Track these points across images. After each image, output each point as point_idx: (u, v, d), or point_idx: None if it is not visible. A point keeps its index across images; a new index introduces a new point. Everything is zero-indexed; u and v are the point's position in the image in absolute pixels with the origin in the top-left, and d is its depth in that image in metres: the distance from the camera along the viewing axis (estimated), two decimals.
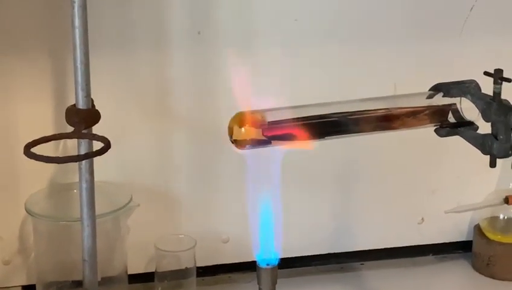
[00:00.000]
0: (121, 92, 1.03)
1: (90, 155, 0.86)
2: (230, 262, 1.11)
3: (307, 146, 0.71)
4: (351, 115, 0.72)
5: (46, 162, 0.79)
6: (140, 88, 1.04)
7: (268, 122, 0.68)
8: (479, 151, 0.77)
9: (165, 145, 1.07)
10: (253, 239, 0.69)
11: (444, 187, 1.16)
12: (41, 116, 1.01)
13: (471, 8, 1.09)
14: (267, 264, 0.69)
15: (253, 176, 0.69)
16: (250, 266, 0.74)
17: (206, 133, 1.05)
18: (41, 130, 0.86)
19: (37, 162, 0.79)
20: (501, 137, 0.74)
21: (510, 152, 0.75)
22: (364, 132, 0.74)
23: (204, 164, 1.08)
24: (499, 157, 0.76)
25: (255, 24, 1.04)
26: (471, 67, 0.83)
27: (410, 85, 0.81)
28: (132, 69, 1.02)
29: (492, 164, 0.77)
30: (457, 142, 0.80)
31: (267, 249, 0.69)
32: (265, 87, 0.71)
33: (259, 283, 0.69)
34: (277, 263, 0.69)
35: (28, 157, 0.79)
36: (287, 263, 1.02)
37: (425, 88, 0.80)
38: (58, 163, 0.84)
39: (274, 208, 0.68)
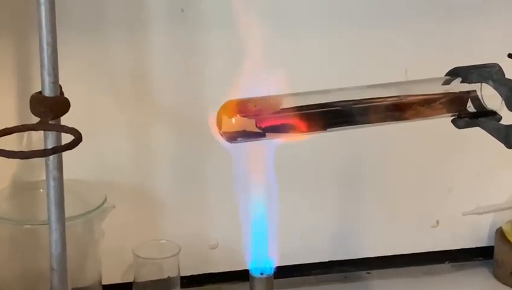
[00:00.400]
0: (93, 78, 1.02)
1: (59, 149, 0.85)
2: (220, 271, 1.12)
3: (305, 138, 0.70)
4: (357, 104, 0.72)
5: (8, 158, 0.79)
6: (116, 74, 1.03)
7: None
8: (502, 145, 0.77)
9: (145, 138, 1.07)
10: (245, 245, 0.69)
11: (462, 185, 1.16)
12: (2, 106, 1.00)
13: None
14: (262, 274, 0.69)
15: (245, 174, 0.69)
16: (242, 276, 0.74)
17: (192, 124, 1.04)
18: (2, 122, 0.86)
19: None
20: None
21: None
22: (371, 123, 0.74)
23: (189, 160, 1.08)
24: None
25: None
26: (493, 49, 0.83)
27: (424, 70, 0.81)
28: (106, 52, 1.02)
29: None
30: (477, 135, 0.80)
31: (261, 257, 0.68)
32: (259, 72, 0.70)
33: None
34: (273, 272, 0.69)
35: None
36: (284, 272, 1.02)
37: (441, 73, 0.80)
38: (21, 158, 0.83)
39: (269, 209, 0.68)
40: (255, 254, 0.69)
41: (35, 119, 0.87)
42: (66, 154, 0.87)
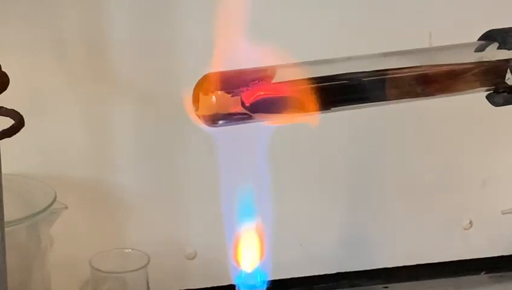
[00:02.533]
0: (37, 47, 1.03)
1: None
2: (199, 286, 1.13)
3: (307, 120, 0.71)
4: (370, 76, 0.73)
5: None
6: (66, 43, 1.04)
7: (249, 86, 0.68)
8: None
9: (103, 122, 1.07)
10: (229, 254, 0.69)
11: (500, 177, 1.18)
12: None
13: None
14: (251, 289, 0.69)
15: (229, 167, 0.69)
16: None
17: (162, 104, 1.06)
18: None
19: None
20: None
21: None
22: (387, 100, 0.74)
23: (159, 149, 1.09)
24: None
25: None
26: None
27: (452, 33, 0.82)
28: (53, 16, 1.03)
29: None
30: None
31: (250, 269, 0.69)
32: (247, 36, 0.71)
33: None
34: (265, 287, 0.69)
35: None
36: (280, 287, 1.03)
37: (473, 37, 0.80)
38: None
39: (260, 211, 0.68)
40: (243, 266, 0.69)
41: None
42: (4, 144, 0.87)
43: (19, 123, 0.82)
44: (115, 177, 1.09)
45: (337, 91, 0.72)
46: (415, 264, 1.18)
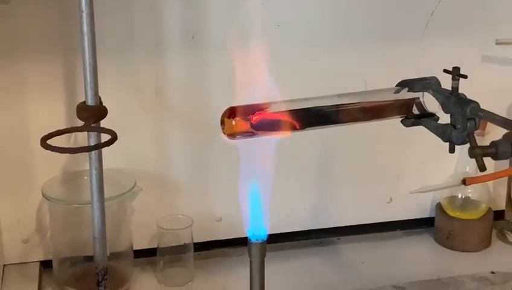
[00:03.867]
0: (124, 89, 1.02)
1: (100, 146, 0.86)
2: (224, 238, 1.12)
3: (290, 135, 0.71)
4: (330, 108, 0.73)
5: (61, 153, 0.79)
6: (142, 86, 1.03)
7: (256, 114, 0.68)
8: (439, 139, 0.78)
9: (165, 136, 1.07)
10: (243, 218, 0.69)
11: (410, 171, 1.16)
12: (55, 112, 1.00)
13: (432, 13, 1.10)
14: (257, 239, 0.69)
15: (244, 162, 0.69)
16: (242, 242, 0.74)
17: (201, 125, 1.05)
18: (55, 125, 0.86)
19: (52, 152, 0.79)
20: (459, 126, 0.75)
21: (466, 139, 0.76)
22: (341, 123, 0.75)
23: (199, 152, 1.08)
24: (457, 144, 0.77)
25: (242, 30, 1.04)
26: (432, 66, 0.84)
27: (379, 82, 0.82)
28: (134, 69, 1.02)
29: (452, 150, 0.78)
30: (420, 132, 0.81)
31: (257, 226, 0.69)
32: (253, 85, 0.71)
33: (250, 256, 0.69)
34: (266, 238, 0.69)
35: (44, 148, 0.79)
36: (274, 239, 1.03)
37: (392, 84, 0.80)
38: (71, 153, 0.84)
39: (262, 190, 0.68)
40: (252, 225, 0.69)
41: (80, 123, 0.87)
42: (104, 149, 0.87)
43: (114, 137, 0.82)
44: (172, 170, 1.08)
45: (310, 117, 0.72)
46: (357, 224, 1.17)
